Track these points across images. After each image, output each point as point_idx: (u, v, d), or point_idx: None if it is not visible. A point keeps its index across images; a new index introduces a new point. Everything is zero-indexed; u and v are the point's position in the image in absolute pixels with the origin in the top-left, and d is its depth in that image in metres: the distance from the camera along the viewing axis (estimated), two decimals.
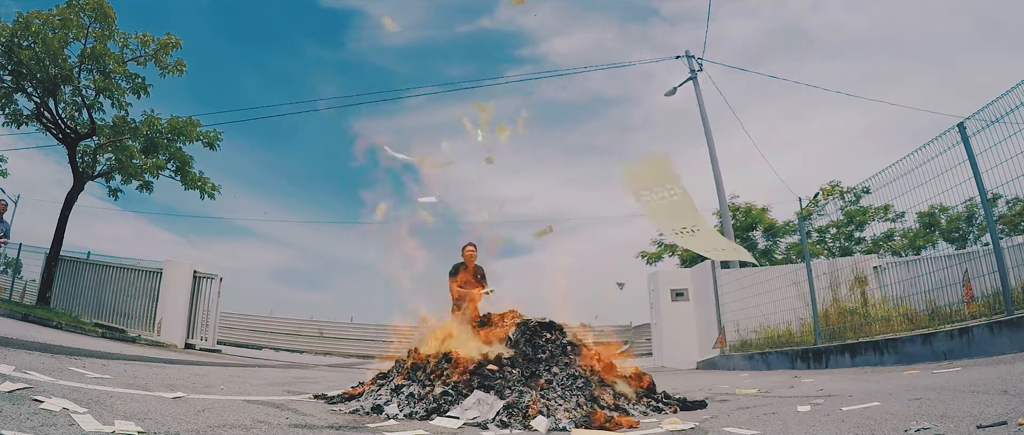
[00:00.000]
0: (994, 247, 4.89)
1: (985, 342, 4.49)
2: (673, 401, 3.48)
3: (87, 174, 11.58)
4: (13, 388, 2.28)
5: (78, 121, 11.45)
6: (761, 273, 9.68)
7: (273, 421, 2.46)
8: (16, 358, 3.45)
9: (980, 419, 1.91)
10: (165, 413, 2.32)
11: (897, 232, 15.46)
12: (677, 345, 11.43)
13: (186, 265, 11.38)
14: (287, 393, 3.91)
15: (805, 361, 6.91)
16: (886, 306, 6.87)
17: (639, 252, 17.92)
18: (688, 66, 13.89)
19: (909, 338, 5.33)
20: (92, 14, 10.37)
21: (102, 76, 10.77)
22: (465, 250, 5.22)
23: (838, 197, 15.77)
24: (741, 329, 9.56)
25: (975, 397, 2.42)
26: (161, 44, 11.28)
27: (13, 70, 10.17)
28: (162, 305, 10.94)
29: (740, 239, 16.33)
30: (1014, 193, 7.62)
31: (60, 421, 1.85)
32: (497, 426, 2.67)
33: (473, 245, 5.25)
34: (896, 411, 2.34)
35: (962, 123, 5.06)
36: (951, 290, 5.56)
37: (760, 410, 2.93)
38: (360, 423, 2.68)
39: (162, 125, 11.37)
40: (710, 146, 13.18)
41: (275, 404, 3.14)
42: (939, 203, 7.08)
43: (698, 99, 13.56)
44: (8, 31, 9.79)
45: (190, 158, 11.97)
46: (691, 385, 5.28)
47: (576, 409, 2.92)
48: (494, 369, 3.25)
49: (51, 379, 2.79)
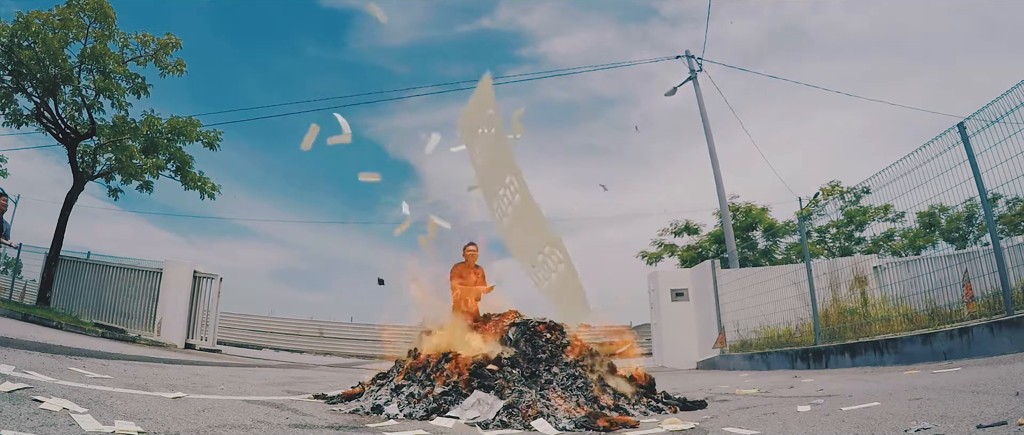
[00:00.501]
0: (994, 247, 4.89)
1: (985, 342, 4.49)
2: (673, 401, 3.48)
3: (87, 174, 11.58)
4: (13, 388, 2.28)
5: (78, 121, 11.45)
6: (761, 273, 9.68)
7: (273, 421, 2.46)
8: (16, 358, 3.45)
9: (980, 419, 1.91)
10: (165, 413, 2.32)
11: (897, 232, 15.46)
12: (677, 345, 11.43)
13: (186, 265, 11.38)
14: (287, 393, 3.91)
15: (805, 361, 6.91)
16: (886, 306, 6.87)
17: (639, 252, 17.93)
18: (688, 66, 13.90)
19: (909, 338, 5.33)
20: (92, 14, 10.37)
21: (102, 76, 10.77)
22: (466, 249, 5.23)
23: (838, 197, 15.76)
24: (741, 329, 9.56)
25: (975, 397, 2.42)
26: (161, 44, 11.28)
27: (13, 70, 10.17)
28: (162, 305, 10.94)
29: (740, 239, 16.33)
30: (1014, 193, 7.63)
31: (60, 421, 1.85)
32: (497, 426, 2.67)
33: (474, 244, 5.26)
34: (896, 411, 2.34)
35: (962, 123, 5.06)
36: (951, 290, 5.56)
37: (760, 410, 2.93)
38: (360, 423, 2.68)
39: (162, 125, 11.37)
40: (710, 146, 13.19)
41: (275, 404, 3.14)
42: (939, 203, 7.08)
43: (698, 99, 13.57)
44: (8, 31, 9.79)
45: (190, 158, 11.98)
46: (691, 385, 5.28)
47: (576, 409, 2.92)
48: (494, 369, 3.25)
49: (51, 379, 2.79)
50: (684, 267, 15.47)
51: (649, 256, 17.72)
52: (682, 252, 17.43)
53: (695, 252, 17.03)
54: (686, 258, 16.99)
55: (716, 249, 16.40)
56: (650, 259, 17.65)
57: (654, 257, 17.68)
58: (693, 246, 17.38)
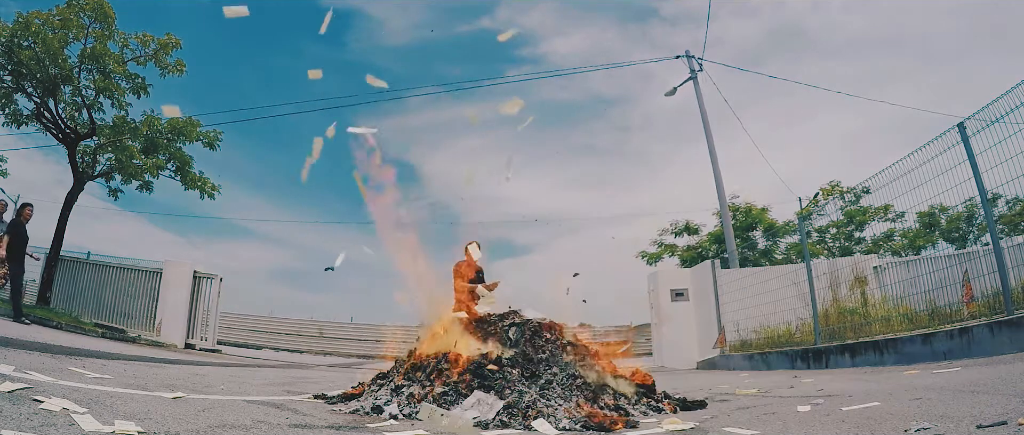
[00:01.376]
0: (994, 247, 4.89)
1: (985, 342, 4.49)
2: (673, 401, 3.48)
3: (87, 174, 11.57)
4: (13, 388, 2.28)
5: (78, 121, 11.45)
6: (761, 273, 9.68)
7: (273, 421, 2.46)
8: (16, 358, 3.44)
9: (980, 419, 1.91)
10: (165, 413, 2.32)
11: (897, 232, 15.45)
12: (677, 345, 11.43)
13: (186, 265, 11.37)
14: (287, 393, 3.91)
15: (805, 361, 6.91)
16: (886, 306, 6.87)
17: (639, 252, 17.93)
18: (688, 66, 13.90)
19: (909, 338, 5.33)
20: (92, 14, 10.36)
21: (102, 76, 10.77)
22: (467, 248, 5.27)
23: (838, 197, 15.76)
24: (741, 329, 9.56)
25: (975, 397, 2.42)
26: (161, 44, 11.27)
27: (13, 70, 10.17)
28: (162, 305, 10.94)
29: (740, 239, 16.33)
30: (1014, 193, 7.61)
31: (60, 421, 1.85)
32: (497, 426, 2.67)
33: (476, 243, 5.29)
34: (896, 411, 2.34)
35: (962, 123, 5.06)
36: (951, 290, 5.56)
37: (760, 410, 2.93)
38: (360, 423, 2.68)
39: (162, 125, 11.37)
40: (710, 146, 13.19)
41: (275, 404, 3.14)
42: (939, 203, 7.08)
43: (698, 99, 13.57)
44: (8, 31, 9.78)
45: (190, 158, 11.96)
46: (691, 385, 5.28)
47: (576, 409, 2.92)
48: (494, 369, 3.25)
49: (51, 379, 2.79)
50: (684, 267, 15.46)
51: (649, 256, 17.72)
52: (682, 252, 17.44)
53: (695, 252, 17.04)
54: (686, 258, 16.99)
55: (716, 249, 16.40)
56: (650, 259, 17.66)
57: (654, 257, 17.69)
58: (693, 246, 17.39)
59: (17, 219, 7.93)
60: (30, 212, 8.08)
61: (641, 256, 17.80)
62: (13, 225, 7.82)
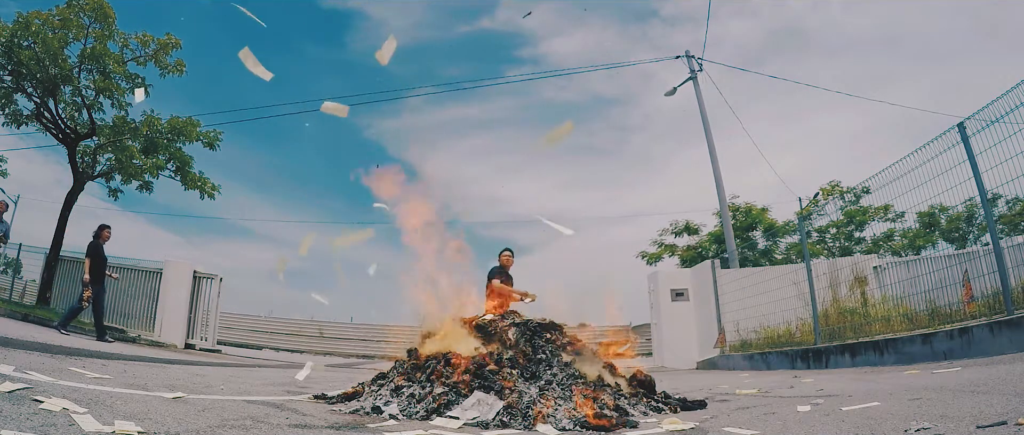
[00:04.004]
0: (994, 247, 4.89)
1: (985, 342, 4.49)
2: (673, 401, 3.48)
3: (87, 174, 11.57)
4: (13, 388, 2.28)
5: (78, 121, 11.45)
6: (761, 273, 9.68)
7: (273, 421, 2.46)
8: (16, 358, 3.44)
9: (980, 419, 1.91)
10: (165, 413, 2.32)
11: (897, 232, 15.46)
12: (677, 345, 11.43)
13: (186, 265, 11.36)
14: (287, 393, 3.91)
15: (805, 361, 6.91)
16: (886, 306, 6.87)
17: (639, 252, 17.94)
18: (688, 66, 13.90)
19: (909, 338, 5.33)
20: (92, 14, 10.36)
21: (102, 76, 10.77)
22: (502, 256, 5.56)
23: (838, 197, 15.77)
24: (741, 329, 9.56)
25: (975, 397, 2.42)
26: (161, 44, 11.28)
27: (13, 70, 10.17)
28: (162, 305, 10.93)
29: (740, 239, 16.34)
30: (1014, 193, 7.61)
31: (60, 421, 1.85)
32: (497, 426, 2.67)
33: (509, 251, 5.60)
34: (896, 411, 2.34)
35: (962, 123, 5.06)
36: (951, 290, 5.56)
37: (760, 410, 2.93)
38: (360, 423, 2.68)
39: (162, 125, 11.37)
40: (710, 146, 13.19)
41: (275, 404, 3.14)
42: (939, 203, 7.08)
43: (698, 99, 13.57)
44: (8, 31, 9.79)
45: (190, 158, 11.97)
46: (691, 385, 5.28)
47: (576, 409, 2.92)
48: (494, 369, 3.25)
49: (51, 379, 2.79)
50: (684, 267, 15.47)
51: (649, 256, 17.73)
52: (682, 252, 17.45)
53: (695, 252, 17.04)
54: (686, 258, 17.00)
55: (716, 249, 16.40)
56: (650, 259, 17.67)
57: (654, 257, 17.70)
58: (693, 246, 17.40)
59: (96, 241, 8.13)
60: (108, 234, 8.26)
61: (641, 256, 17.83)
62: (93, 247, 8.05)
